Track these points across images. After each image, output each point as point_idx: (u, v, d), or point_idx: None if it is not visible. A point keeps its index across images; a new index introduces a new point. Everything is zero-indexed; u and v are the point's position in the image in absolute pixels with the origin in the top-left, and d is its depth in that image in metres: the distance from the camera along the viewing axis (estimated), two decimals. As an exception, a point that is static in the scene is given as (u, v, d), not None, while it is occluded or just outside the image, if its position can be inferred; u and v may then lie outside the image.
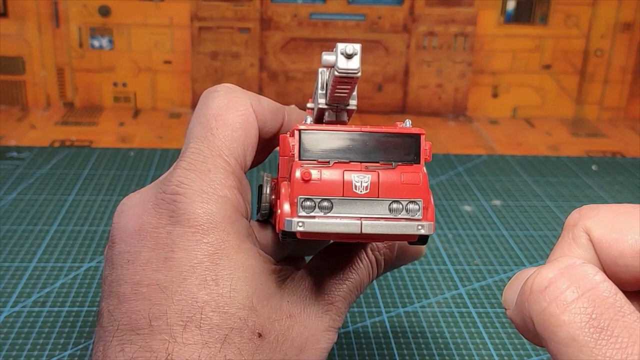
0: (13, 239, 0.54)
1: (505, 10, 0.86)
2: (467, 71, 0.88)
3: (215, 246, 0.29)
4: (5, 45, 0.83)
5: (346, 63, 0.27)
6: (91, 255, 0.53)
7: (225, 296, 0.28)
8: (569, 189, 0.68)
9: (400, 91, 0.88)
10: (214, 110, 0.32)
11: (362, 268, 0.34)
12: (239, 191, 0.31)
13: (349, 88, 0.29)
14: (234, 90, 0.34)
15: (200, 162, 0.31)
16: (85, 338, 0.43)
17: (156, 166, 0.70)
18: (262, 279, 0.30)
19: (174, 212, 0.29)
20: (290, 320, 0.31)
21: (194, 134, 0.32)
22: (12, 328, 0.44)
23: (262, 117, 0.34)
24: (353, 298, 0.33)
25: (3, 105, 0.85)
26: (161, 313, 0.28)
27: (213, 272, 0.29)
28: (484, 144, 0.81)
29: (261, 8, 0.83)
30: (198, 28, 0.84)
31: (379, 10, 0.84)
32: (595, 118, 0.91)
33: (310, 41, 0.85)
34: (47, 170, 0.67)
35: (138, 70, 0.85)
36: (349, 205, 0.27)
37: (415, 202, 0.27)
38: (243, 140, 0.32)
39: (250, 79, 0.86)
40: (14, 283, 0.49)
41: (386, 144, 0.28)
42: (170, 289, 0.28)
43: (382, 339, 0.45)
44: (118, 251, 0.30)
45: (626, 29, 0.88)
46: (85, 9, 0.82)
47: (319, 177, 0.27)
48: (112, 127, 0.81)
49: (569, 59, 0.89)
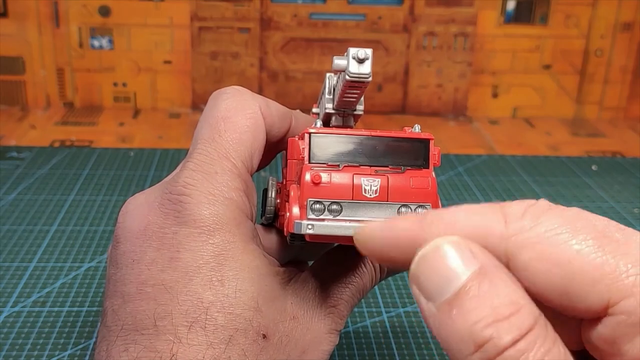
0: (13, 239, 0.54)
1: (505, 10, 0.86)
2: (467, 71, 0.88)
3: (221, 247, 0.29)
4: (5, 45, 0.82)
5: (357, 67, 0.27)
6: (91, 255, 0.53)
7: (230, 297, 0.28)
8: (569, 189, 0.68)
9: (400, 91, 0.88)
10: (222, 112, 0.32)
11: (365, 272, 0.34)
12: (245, 194, 0.31)
13: (359, 93, 0.29)
14: (243, 92, 0.34)
15: (207, 164, 0.31)
16: (85, 338, 0.43)
17: (156, 166, 0.70)
18: (267, 280, 0.30)
19: (180, 212, 0.29)
20: (294, 322, 0.31)
21: (202, 135, 0.32)
22: (12, 328, 0.44)
23: (270, 120, 0.34)
24: (355, 301, 0.33)
25: (3, 105, 0.85)
26: (166, 313, 0.28)
27: (219, 273, 0.29)
28: (484, 144, 0.81)
29: (261, 8, 0.83)
30: (198, 28, 0.84)
31: (379, 10, 0.84)
32: (595, 118, 0.91)
33: (310, 41, 0.85)
34: (47, 170, 0.67)
35: (138, 70, 0.85)
36: (359, 208, 0.27)
37: (423, 207, 0.27)
38: (250, 143, 0.32)
39: (250, 79, 0.86)
40: (14, 283, 0.48)
41: (395, 148, 0.28)
42: (176, 289, 0.28)
43: (382, 339, 0.45)
44: (123, 251, 0.30)
45: (626, 29, 0.88)
46: (85, 9, 0.82)
47: (329, 181, 0.27)
48: (112, 127, 0.81)
49: (569, 59, 0.89)
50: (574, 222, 0.20)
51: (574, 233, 0.20)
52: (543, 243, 0.20)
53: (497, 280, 0.20)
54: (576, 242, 0.20)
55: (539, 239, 0.20)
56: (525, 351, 0.19)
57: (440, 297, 0.20)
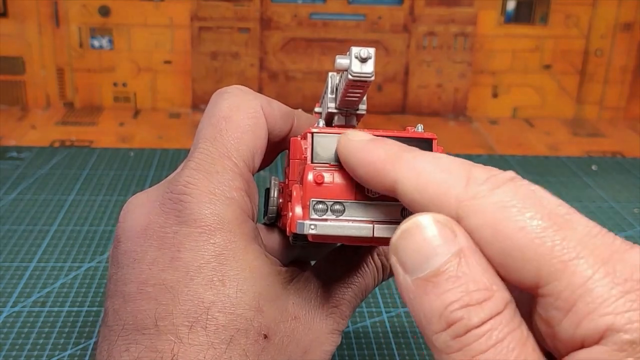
0: (13, 239, 0.54)
1: (505, 10, 0.86)
2: (467, 71, 0.88)
3: (222, 247, 0.29)
4: (5, 45, 0.82)
5: (360, 67, 0.27)
6: (91, 255, 0.53)
7: (231, 297, 0.28)
8: (569, 189, 0.68)
9: (400, 91, 0.88)
10: (224, 111, 0.32)
11: (367, 272, 0.34)
12: (246, 193, 0.31)
13: (361, 92, 0.29)
14: (245, 91, 0.34)
15: (209, 163, 0.31)
16: (85, 338, 0.43)
17: (156, 166, 0.70)
18: (268, 280, 0.30)
19: (180, 212, 0.29)
20: (295, 322, 0.30)
21: (203, 134, 0.32)
22: (12, 328, 0.44)
23: (272, 119, 0.33)
24: (358, 302, 0.33)
25: (3, 105, 0.85)
26: (167, 313, 0.28)
27: (220, 273, 0.29)
28: (484, 144, 0.81)
29: (261, 8, 0.83)
30: (198, 28, 0.84)
31: (379, 10, 0.84)
32: (595, 118, 0.91)
33: (310, 41, 0.85)
34: (47, 170, 0.67)
35: (138, 70, 0.85)
36: (361, 208, 0.27)
37: None
38: (252, 142, 0.32)
39: (250, 79, 0.86)
40: (14, 283, 0.48)
41: None
42: (177, 289, 0.28)
43: (382, 339, 0.45)
44: (124, 250, 0.30)
45: (626, 29, 0.88)
46: (85, 9, 0.82)
47: (332, 180, 0.27)
48: (112, 127, 0.81)
49: (569, 59, 0.89)
50: (527, 199, 0.21)
51: (523, 209, 0.20)
52: (492, 213, 0.21)
53: (474, 263, 0.20)
54: (522, 219, 0.20)
55: (489, 209, 0.21)
56: (490, 330, 0.20)
57: (418, 273, 0.21)
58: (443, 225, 0.21)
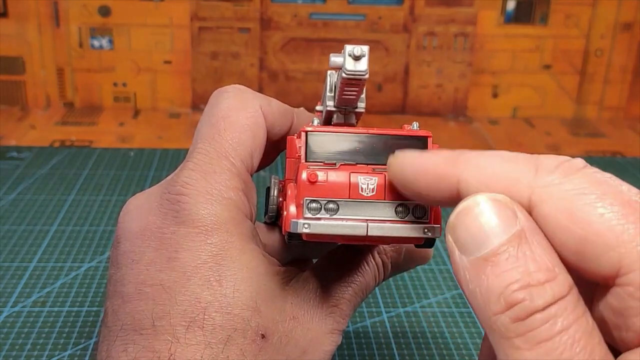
0: (13, 239, 0.54)
1: (505, 10, 0.86)
2: (467, 71, 0.88)
3: (219, 247, 0.29)
4: (5, 45, 0.83)
5: (354, 65, 0.26)
6: (91, 255, 0.53)
7: (228, 297, 0.28)
8: (569, 189, 0.68)
9: (400, 91, 0.88)
10: (223, 111, 0.32)
11: (368, 271, 0.33)
12: (243, 193, 0.31)
13: (357, 90, 0.29)
14: (244, 91, 0.34)
15: (206, 163, 0.31)
16: (85, 338, 0.43)
17: (156, 166, 0.70)
18: (266, 280, 0.30)
19: (178, 212, 0.29)
20: (294, 322, 0.30)
21: (202, 134, 0.32)
22: (12, 328, 0.44)
23: (271, 119, 0.33)
24: (358, 301, 0.33)
25: (3, 105, 0.85)
26: (164, 313, 0.28)
27: (217, 273, 0.29)
28: (484, 144, 0.81)
29: (261, 8, 0.83)
30: (198, 28, 0.84)
31: (379, 10, 0.84)
32: (595, 118, 0.91)
33: (310, 41, 0.85)
34: (47, 170, 0.67)
35: (138, 70, 0.85)
36: (355, 207, 0.27)
37: (421, 205, 0.27)
38: (250, 142, 0.32)
39: (250, 79, 0.86)
40: (14, 283, 0.49)
41: (393, 146, 0.28)
42: (174, 289, 0.28)
43: (382, 339, 0.45)
44: (123, 251, 0.30)
45: (626, 29, 0.88)
46: (85, 9, 0.82)
47: (325, 179, 0.27)
48: (112, 127, 0.81)
49: (569, 59, 0.89)
50: (603, 186, 0.20)
51: (601, 197, 0.20)
52: (568, 200, 0.20)
53: (535, 244, 0.20)
54: (601, 206, 0.20)
55: (564, 195, 0.20)
56: (554, 316, 0.19)
57: (476, 253, 0.20)
58: (503, 205, 0.20)
